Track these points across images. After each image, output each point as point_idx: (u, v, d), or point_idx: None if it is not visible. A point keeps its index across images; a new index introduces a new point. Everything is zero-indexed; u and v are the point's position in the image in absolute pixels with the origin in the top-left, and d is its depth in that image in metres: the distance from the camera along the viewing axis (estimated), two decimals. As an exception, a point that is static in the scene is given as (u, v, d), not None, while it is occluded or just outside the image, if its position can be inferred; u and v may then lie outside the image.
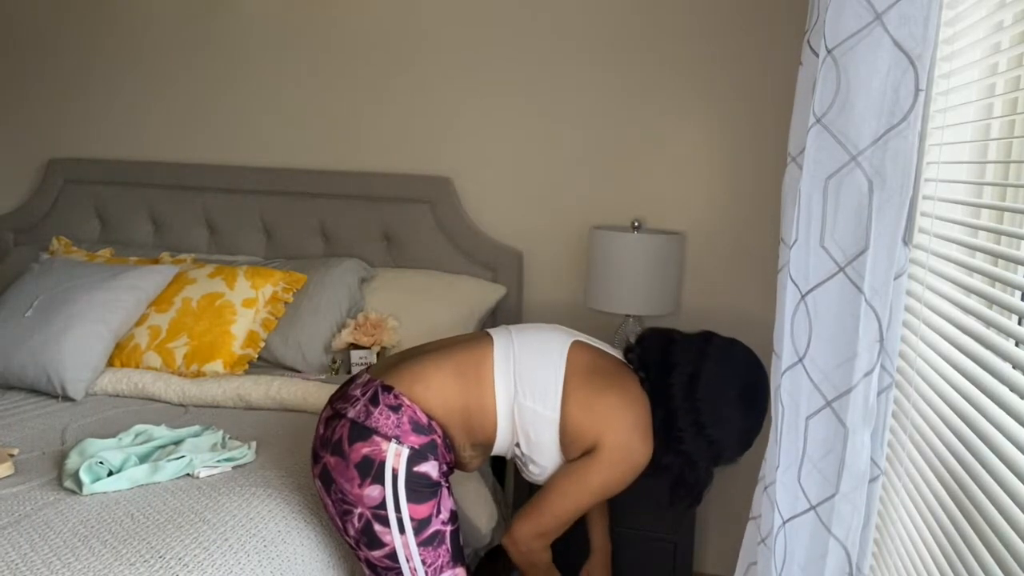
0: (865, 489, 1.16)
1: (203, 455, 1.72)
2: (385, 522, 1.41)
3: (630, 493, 1.60)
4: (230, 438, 1.85)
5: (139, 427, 1.85)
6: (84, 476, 1.60)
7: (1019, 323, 1.02)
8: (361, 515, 1.41)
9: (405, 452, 1.41)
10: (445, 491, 1.50)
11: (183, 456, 1.69)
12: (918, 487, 1.16)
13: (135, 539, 1.42)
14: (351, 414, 1.44)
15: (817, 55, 1.11)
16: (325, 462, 1.45)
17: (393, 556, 1.42)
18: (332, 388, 2.13)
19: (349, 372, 2.36)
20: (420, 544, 1.43)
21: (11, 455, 1.75)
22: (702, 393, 1.53)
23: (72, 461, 1.67)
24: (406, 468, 1.41)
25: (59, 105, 2.92)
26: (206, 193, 2.75)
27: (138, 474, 1.64)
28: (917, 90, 1.01)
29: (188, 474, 1.68)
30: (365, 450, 1.41)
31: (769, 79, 2.24)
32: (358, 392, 1.48)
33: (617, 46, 2.37)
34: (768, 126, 2.26)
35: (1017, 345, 0.98)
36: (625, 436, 1.52)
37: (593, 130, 2.42)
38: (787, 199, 1.22)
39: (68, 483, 1.62)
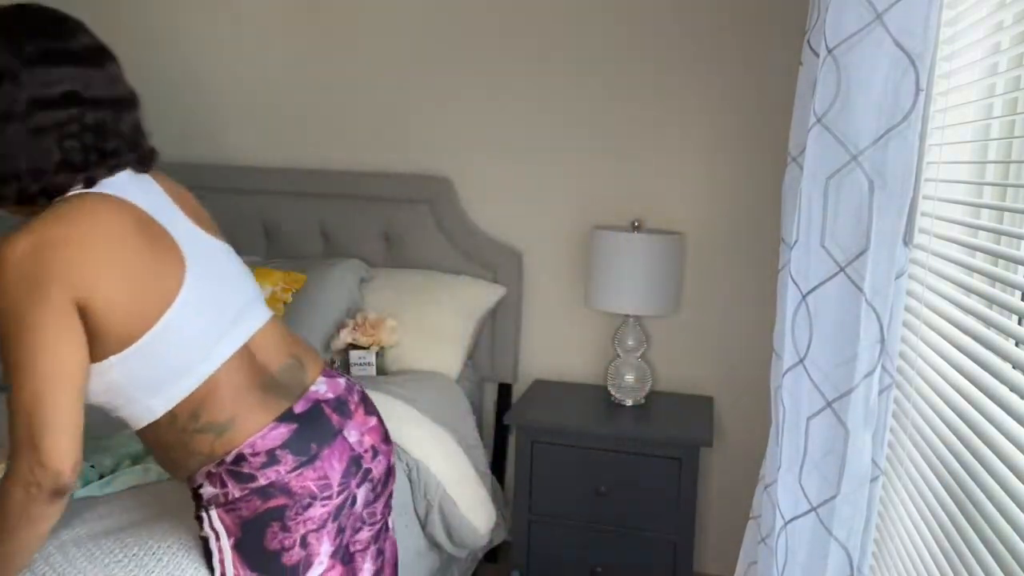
0: (866, 490, 1.17)
1: (203, 455, 1.72)
2: None
3: (630, 492, 1.58)
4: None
5: (138, 427, 1.84)
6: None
7: (1019, 323, 1.02)
8: None
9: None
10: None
11: (183, 456, 1.69)
12: (918, 487, 1.16)
13: (129, 540, 1.42)
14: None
15: (817, 55, 1.11)
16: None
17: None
18: (332, 388, 2.12)
19: (349, 372, 2.36)
20: None
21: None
22: None
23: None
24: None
25: (59, 105, 2.92)
26: (206, 193, 2.73)
27: (131, 476, 1.64)
28: (917, 90, 1.01)
29: (188, 474, 1.68)
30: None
31: (769, 79, 2.24)
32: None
33: (618, 45, 2.37)
34: (768, 126, 2.26)
35: (1017, 345, 0.98)
36: None
37: (593, 130, 2.42)
38: (787, 199, 1.22)
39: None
